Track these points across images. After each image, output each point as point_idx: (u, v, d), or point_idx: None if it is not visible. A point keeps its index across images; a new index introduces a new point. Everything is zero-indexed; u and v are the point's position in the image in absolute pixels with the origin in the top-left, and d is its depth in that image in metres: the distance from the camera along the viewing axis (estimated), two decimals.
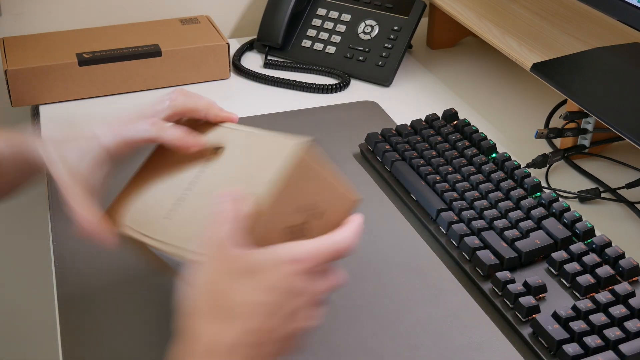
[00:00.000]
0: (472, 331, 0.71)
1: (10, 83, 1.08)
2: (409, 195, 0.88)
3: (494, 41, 1.08)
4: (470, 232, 0.80)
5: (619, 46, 1.02)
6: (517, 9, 1.18)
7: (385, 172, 0.93)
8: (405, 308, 0.74)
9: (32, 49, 1.13)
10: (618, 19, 0.93)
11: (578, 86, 0.94)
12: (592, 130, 0.97)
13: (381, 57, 1.19)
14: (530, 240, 0.77)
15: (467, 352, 0.69)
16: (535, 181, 0.85)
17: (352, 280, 0.77)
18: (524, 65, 1.01)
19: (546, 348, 0.67)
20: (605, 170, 0.97)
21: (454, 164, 0.90)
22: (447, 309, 0.74)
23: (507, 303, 0.72)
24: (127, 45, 1.15)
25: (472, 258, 0.77)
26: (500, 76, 1.22)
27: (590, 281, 0.72)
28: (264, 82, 1.19)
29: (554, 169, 0.98)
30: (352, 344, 0.69)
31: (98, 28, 1.22)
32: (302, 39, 1.25)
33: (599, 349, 0.65)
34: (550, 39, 1.07)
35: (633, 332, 0.66)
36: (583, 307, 0.69)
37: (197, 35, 1.19)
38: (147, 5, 1.30)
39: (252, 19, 1.36)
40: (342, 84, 1.17)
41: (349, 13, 1.25)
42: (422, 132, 0.96)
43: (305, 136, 0.61)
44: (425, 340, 0.70)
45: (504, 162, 0.88)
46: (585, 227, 0.78)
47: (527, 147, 1.00)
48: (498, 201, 0.83)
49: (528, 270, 0.76)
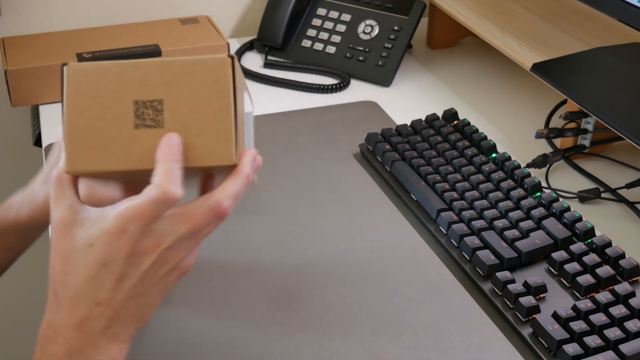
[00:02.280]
0: (472, 331, 0.71)
1: (10, 83, 1.08)
2: (409, 195, 0.88)
3: (494, 41, 1.08)
4: (470, 232, 0.80)
5: (619, 46, 1.02)
6: (517, 9, 1.18)
7: (385, 172, 0.93)
8: (405, 308, 0.74)
9: (32, 49, 1.13)
10: (618, 19, 0.93)
11: (578, 86, 0.94)
12: (592, 130, 0.97)
13: (381, 57, 1.19)
14: (530, 240, 0.77)
15: (467, 352, 0.69)
16: (535, 181, 0.85)
17: (352, 280, 0.77)
18: (524, 65, 1.01)
19: (546, 348, 0.67)
20: (605, 170, 0.97)
21: (454, 164, 0.90)
22: (447, 309, 0.73)
23: (507, 303, 0.72)
24: (127, 45, 1.15)
25: (472, 258, 0.77)
26: (500, 76, 1.22)
27: (591, 281, 0.72)
28: (264, 82, 1.19)
29: (554, 169, 0.98)
30: (352, 344, 0.69)
31: (98, 28, 1.21)
32: (302, 39, 1.25)
33: (599, 349, 0.65)
34: (550, 39, 1.07)
35: (633, 332, 0.66)
36: (583, 307, 0.69)
37: (197, 35, 1.19)
38: (147, 5, 1.30)
39: (252, 19, 1.36)
40: (342, 84, 1.17)
41: (349, 13, 1.25)
42: (422, 132, 0.96)
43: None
44: (425, 340, 0.70)
45: (504, 162, 0.88)
46: (585, 227, 0.78)
47: (527, 147, 1.00)
48: (498, 201, 0.83)
49: (528, 270, 0.76)
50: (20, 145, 1.31)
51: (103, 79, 0.56)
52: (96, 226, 0.54)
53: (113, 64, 0.57)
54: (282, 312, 0.73)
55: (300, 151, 0.99)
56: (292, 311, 0.73)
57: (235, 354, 0.68)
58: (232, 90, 0.57)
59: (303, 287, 0.76)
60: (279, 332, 0.71)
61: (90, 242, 0.53)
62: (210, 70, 0.57)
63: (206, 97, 0.57)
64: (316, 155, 0.98)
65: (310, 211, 0.87)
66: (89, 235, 0.54)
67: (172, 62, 0.57)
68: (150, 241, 0.53)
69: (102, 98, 0.56)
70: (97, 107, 0.56)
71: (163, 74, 0.57)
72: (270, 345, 0.69)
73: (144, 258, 0.54)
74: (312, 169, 0.95)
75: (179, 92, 0.57)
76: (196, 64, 0.57)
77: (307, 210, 0.87)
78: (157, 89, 0.57)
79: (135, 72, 0.57)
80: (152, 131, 0.56)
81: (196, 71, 0.57)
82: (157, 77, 0.57)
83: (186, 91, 0.57)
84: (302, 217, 0.86)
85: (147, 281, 0.54)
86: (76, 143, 0.56)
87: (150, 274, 0.54)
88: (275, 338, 0.70)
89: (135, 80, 0.57)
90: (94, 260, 0.53)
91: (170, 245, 0.54)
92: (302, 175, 0.94)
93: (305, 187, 0.91)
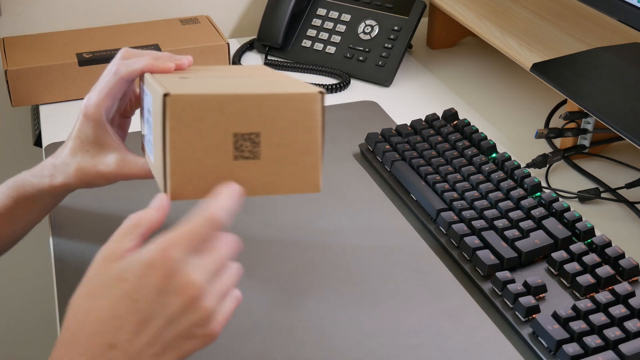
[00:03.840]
0: (472, 331, 0.71)
1: (10, 83, 1.08)
2: (409, 195, 0.88)
3: (494, 41, 1.08)
4: (470, 232, 0.80)
5: (619, 46, 1.02)
6: (517, 9, 1.18)
7: (385, 172, 0.93)
8: (405, 308, 0.74)
9: (32, 49, 1.13)
10: (618, 19, 0.93)
11: (578, 86, 0.94)
12: (592, 130, 0.97)
13: (381, 57, 1.19)
14: (530, 240, 0.77)
15: (467, 352, 0.69)
16: (535, 181, 0.85)
17: (352, 280, 0.77)
18: (524, 65, 1.01)
19: (546, 348, 0.67)
20: (605, 170, 0.97)
21: (454, 164, 0.90)
22: (447, 309, 0.74)
23: (507, 303, 0.72)
24: (127, 46, 1.15)
25: (472, 258, 0.77)
26: (500, 76, 1.22)
27: (590, 281, 0.72)
28: None
29: (554, 169, 0.98)
30: (352, 344, 0.69)
31: (98, 28, 1.22)
32: (302, 39, 1.25)
33: (599, 349, 0.65)
34: (550, 39, 1.07)
35: (633, 332, 0.66)
36: (583, 307, 0.69)
37: (197, 35, 1.19)
38: (147, 5, 1.30)
39: (252, 19, 1.36)
40: (342, 84, 1.17)
41: (349, 13, 1.25)
42: (422, 132, 0.96)
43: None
44: (425, 340, 0.70)
45: (504, 162, 0.88)
46: (585, 227, 0.78)
47: (527, 147, 1.00)
48: (498, 201, 0.83)
49: (528, 270, 0.76)
50: (20, 145, 1.31)
51: (204, 111, 0.58)
52: (132, 257, 0.52)
53: (212, 96, 0.59)
54: (282, 312, 0.73)
55: None
56: (292, 311, 0.73)
57: (235, 353, 0.68)
58: (321, 124, 0.61)
59: (303, 287, 0.76)
60: (279, 332, 0.71)
61: (124, 277, 0.51)
62: (303, 106, 0.60)
63: (298, 130, 0.60)
64: None
65: (310, 211, 0.87)
66: (123, 267, 0.52)
67: (268, 96, 0.60)
68: (182, 278, 0.51)
69: (203, 130, 0.59)
70: (199, 138, 0.59)
71: (260, 107, 0.59)
72: (270, 345, 0.69)
73: (174, 298, 0.51)
74: None
75: (274, 125, 0.60)
76: (290, 99, 0.60)
77: (307, 210, 0.87)
78: (254, 121, 0.59)
79: (234, 105, 0.59)
80: (249, 162, 0.60)
81: (290, 106, 0.60)
82: (254, 111, 0.59)
83: (280, 124, 0.60)
84: (302, 217, 0.86)
85: (170, 331, 0.51)
86: (179, 173, 0.59)
87: (175, 322, 0.51)
88: (275, 338, 0.70)
89: (234, 113, 0.59)
90: (123, 295, 0.51)
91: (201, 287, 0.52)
92: None
93: None
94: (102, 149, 0.71)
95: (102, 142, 0.71)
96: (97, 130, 0.71)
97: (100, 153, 0.71)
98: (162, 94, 0.57)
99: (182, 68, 0.71)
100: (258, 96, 0.59)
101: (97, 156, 0.71)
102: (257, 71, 0.77)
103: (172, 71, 0.69)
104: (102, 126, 0.71)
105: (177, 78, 0.66)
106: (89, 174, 0.72)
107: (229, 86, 0.64)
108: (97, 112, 0.70)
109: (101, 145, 0.71)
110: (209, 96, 0.58)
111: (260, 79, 0.70)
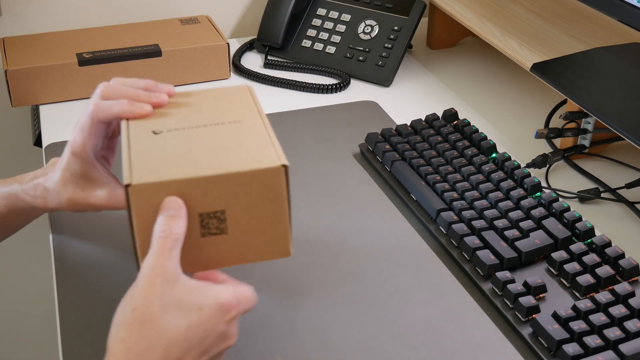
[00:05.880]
0: (472, 331, 0.71)
1: (10, 83, 1.08)
2: (409, 195, 0.88)
3: (494, 41, 1.08)
4: (470, 232, 0.80)
5: (619, 46, 1.02)
6: (517, 9, 1.18)
7: (385, 172, 0.93)
8: (405, 308, 0.74)
9: (32, 49, 1.13)
10: (618, 19, 0.93)
11: (578, 86, 0.95)
12: (592, 130, 0.97)
13: (381, 57, 1.19)
14: (530, 240, 0.77)
15: (467, 352, 0.69)
16: (535, 181, 0.85)
17: (352, 280, 0.77)
18: (524, 65, 1.01)
19: (546, 348, 0.67)
20: (605, 170, 0.97)
21: (454, 164, 0.90)
22: (447, 309, 0.74)
23: (507, 303, 0.72)
24: (127, 45, 1.15)
25: (472, 258, 0.77)
26: (500, 76, 1.23)
27: (590, 281, 0.72)
28: (264, 82, 1.19)
29: (554, 169, 0.98)
30: (352, 344, 0.69)
31: (98, 28, 1.22)
32: (302, 39, 1.25)
33: (599, 349, 0.65)
34: (550, 39, 1.07)
35: (633, 332, 0.66)
36: (583, 307, 0.69)
37: (197, 35, 1.19)
38: (147, 5, 1.31)
39: (252, 19, 1.36)
40: (342, 84, 1.17)
41: (349, 13, 1.25)
42: (422, 132, 0.96)
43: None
44: (425, 340, 0.70)
45: (504, 162, 0.88)
46: (585, 227, 0.78)
47: (527, 147, 1.00)
48: (498, 201, 0.83)
49: (528, 270, 0.76)
50: (20, 145, 1.31)
51: (167, 196, 0.60)
52: (210, 293, 0.58)
53: (174, 182, 0.59)
54: (282, 312, 0.73)
55: (300, 151, 0.99)
56: (292, 311, 0.73)
57: (235, 353, 0.68)
58: (286, 195, 0.61)
59: (303, 287, 0.76)
60: (279, 332, 0.71)
61: (201, 306, 0.57)
62: (266, 181, 0.60)
63: (264, 203, 0.61)
64: (316, 155, 0.98)
65: (310, 211, 0.87)
66: (200, 299, 0.58)
67: (229, 176, 0.60)
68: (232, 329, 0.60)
69: None
70: None
71: (222, 187, 0.60)
72: (270, 345, 0.69)
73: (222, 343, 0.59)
74: (312, 169, 0.95)
75: (238, 202, 0.61)
76: (252, 176, 0.60)
77: (307, 210, 0.87)
78: (218, 201, 0.60)
79: (197, 188, 0.60)
80: (217, 237, 0.61)
81: (253, 182, 0.60)
82: (217, 191, 0.60)
83: (244, 200, 0.61)
84: (302, 217, 0.86)
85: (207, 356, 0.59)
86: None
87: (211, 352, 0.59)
88: (275, 338, 0.70)
89: (197, 196, 0.60)
90: (198, 322, 0.57)
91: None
92: (302, 175, 0.94)
93: (305, 187, 0.91)
94: (92, 183, 0.73)
95: (91, 177, 0.73)
96: (85, 166, 0.72)
97: (90, 187, 0.73)
98: (125, 183, 0.59)
99: (162, 105, 0.70)
100: (220, 177, 0.60)
101: (87, 189, 0.73)
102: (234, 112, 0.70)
103: (149, 115, 0.69)
104: (90, 163, 0.72)
105: (149, 135, 0.65)
106: (82, 205, 0.74)
107: (193, 160, 0.62)
108: (84, 150, 0.71)
109: (90, 180, 0.73)
110: (171, 182, 0.59)
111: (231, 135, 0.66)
